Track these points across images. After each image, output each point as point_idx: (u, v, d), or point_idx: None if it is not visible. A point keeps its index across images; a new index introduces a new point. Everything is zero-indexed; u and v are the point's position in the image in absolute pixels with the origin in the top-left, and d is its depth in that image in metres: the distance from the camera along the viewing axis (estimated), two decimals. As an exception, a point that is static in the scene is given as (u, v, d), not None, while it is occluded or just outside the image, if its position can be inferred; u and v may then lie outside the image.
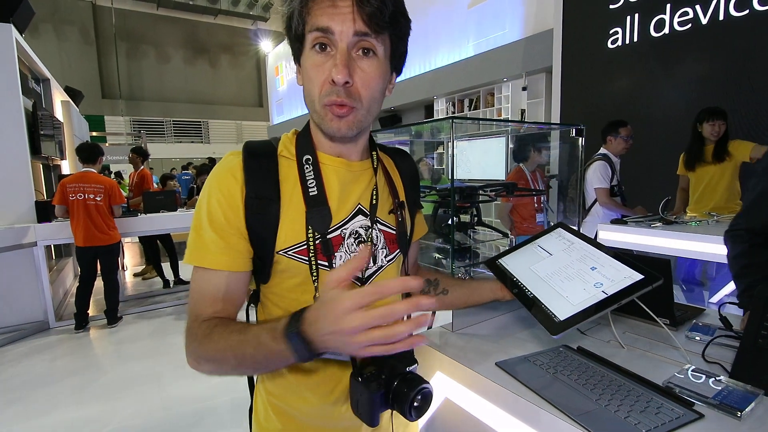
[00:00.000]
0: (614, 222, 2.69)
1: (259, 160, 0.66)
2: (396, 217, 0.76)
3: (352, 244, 0.69)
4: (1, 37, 3.76)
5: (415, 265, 0.95)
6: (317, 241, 0.65)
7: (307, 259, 0.65)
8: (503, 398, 0.86)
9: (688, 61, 3.83)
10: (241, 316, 0.70)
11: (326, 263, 0.66)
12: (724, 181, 2.85)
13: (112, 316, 3.86)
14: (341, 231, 0.68)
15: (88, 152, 3.75)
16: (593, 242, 0.97)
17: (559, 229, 1.06)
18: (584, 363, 0.92)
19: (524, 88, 5.97)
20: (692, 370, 0.86)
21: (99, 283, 3.84)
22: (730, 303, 1.14)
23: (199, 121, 15.89)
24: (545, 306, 0.88)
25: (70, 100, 6.80)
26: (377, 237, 0.72)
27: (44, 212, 3.91)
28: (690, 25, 3.75)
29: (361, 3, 0.58)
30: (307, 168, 0.67)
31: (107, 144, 10.21)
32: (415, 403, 0.60)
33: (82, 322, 3.78)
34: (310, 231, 0.65)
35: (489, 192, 1.74)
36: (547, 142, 2.92)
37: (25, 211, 3.86)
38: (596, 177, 2.96)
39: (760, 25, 3.32)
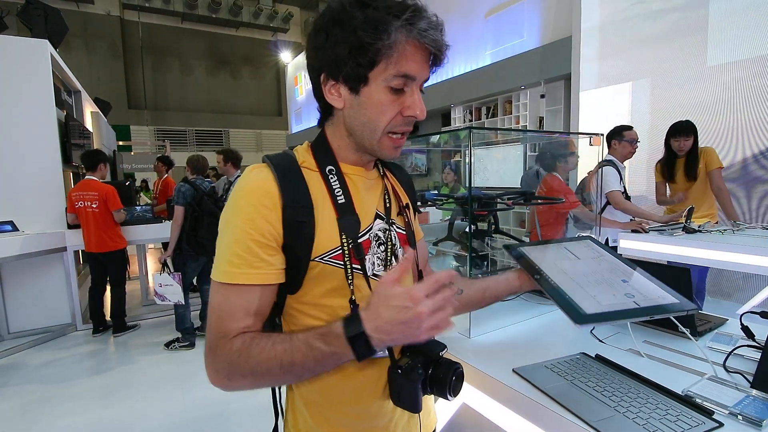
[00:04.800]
0: (636, 231, 2.64)
1: (288, 171, 0.69)
2: (404, 218, 0.82)
3: (375, 247, 0.74)
4: (38, 52, 3.96)
5: (427, 267, 0.97)
6: (350, 246, 0.69)
7: (342, 263, 0.68)
8: (521, 404, 0.87)
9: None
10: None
11: (359, 266, 0.70)
12: (698, 190, 2.99)
13: (118, 325, 3.87)
14: (368, 235, 0.73)
15: (89, 160, 3.82)
16: (624, 259, 0.92)
17: (588, 241, 1.01)
18: (602, 370, 0.92)
19: (542, 96, 5.93)
20: (713, 380, 0.86)
21: (131, 286, 3.95)
22: (752, 313, 1.12)
23: (220, 130, 16.25)
24: (570, 297, 0.80)
25: (99, 111, 7.07)
26: (394, 238, 0.77)
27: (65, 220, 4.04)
28: (713, 31, 3.69)
29: (438, 54, 0.67)
30: (332, 177, 0.71)
31: (132, 153, 10.53)
32: (453, 382, 0.67)
33: (98, 326, 3.88)
34: (343, 237, 0.69)
35: (506, 200, 1.74)
36: (574, 149, 2.89)
37: (57, 218, 4.01)
38: (607, 181, 2.94)
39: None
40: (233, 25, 16.20)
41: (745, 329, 1.04)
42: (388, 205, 0.78)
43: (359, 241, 0.70)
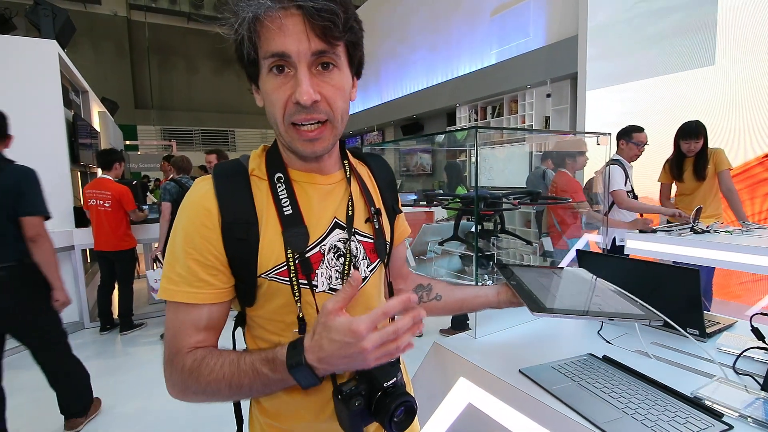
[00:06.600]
0: (643, 231, 2.62)
1: (231, 183, 0.65)
2: (372, 225, 0.73)
3: (333, 259, 0.68)
4: (46, 53, 4.00)
5: (404, 268, 0.93)
6: (296, 261, 0.64)
7: (288, 279, 0.64)
8: (527, 405, 0.86)
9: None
10: (227, 338, 0.71)
11: (306, 282, 0.65)
12: (705, 191, 2.98)
13: (124, 323, 3.89)
14: (320, 248, 0.67)
15: (103, 159, 3.87)
16: (610, 286, 0.95)
17: (582, 270, 1.05)
18: (610, 371, 0.91)
19: (548, 95, 5.90)
20: (722, 382, 0.85)
21: (138, 285, 3.98)
22: (762, 314, 1.11)
23: (226, 130, 16.34)
24: (536, 296, 0.84)
25: (106, 110, 7.12)
26: (356, 248, 0.70)
27: (82, 217, 4.09)
28: (721, 29, 3.65)
29: (313, 19, 0.55)
30: (279, 187, 0.66)
31: (139, 152, 10.60)
32: (395, 419, 0.59)
33: (105, 324, 3.91)
34: (289, 252, 0.64)
35: (512, 199, 1.74)
36: (584, 148, 2.90)
37: (65, 217, 4.04)
38: (612, 180, 2.93)
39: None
40: (239, 25, 16.27)
41: (755, 331, 1.03)
42: (350, 212, 0.70)
43: (307, 255, 0.65)
